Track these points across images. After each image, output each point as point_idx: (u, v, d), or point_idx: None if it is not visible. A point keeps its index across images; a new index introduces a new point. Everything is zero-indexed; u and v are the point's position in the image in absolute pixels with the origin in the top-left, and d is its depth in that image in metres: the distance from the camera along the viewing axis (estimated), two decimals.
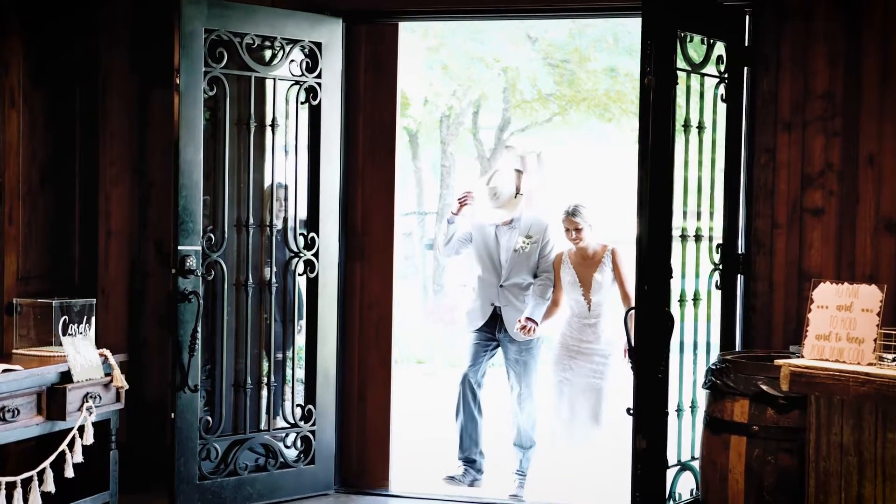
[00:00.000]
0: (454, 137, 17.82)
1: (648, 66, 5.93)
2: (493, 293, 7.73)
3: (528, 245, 7.64)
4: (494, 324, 7.77)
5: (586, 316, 7.52)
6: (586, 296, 7.50)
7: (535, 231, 7.71)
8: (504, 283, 7.68)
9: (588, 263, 7.52)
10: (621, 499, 6.42)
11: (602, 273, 7.46)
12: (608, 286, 7.48)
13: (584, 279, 7.50)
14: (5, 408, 5.62)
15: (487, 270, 7.75)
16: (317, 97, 7.05)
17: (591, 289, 7.47)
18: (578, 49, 15.22)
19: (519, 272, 7.66)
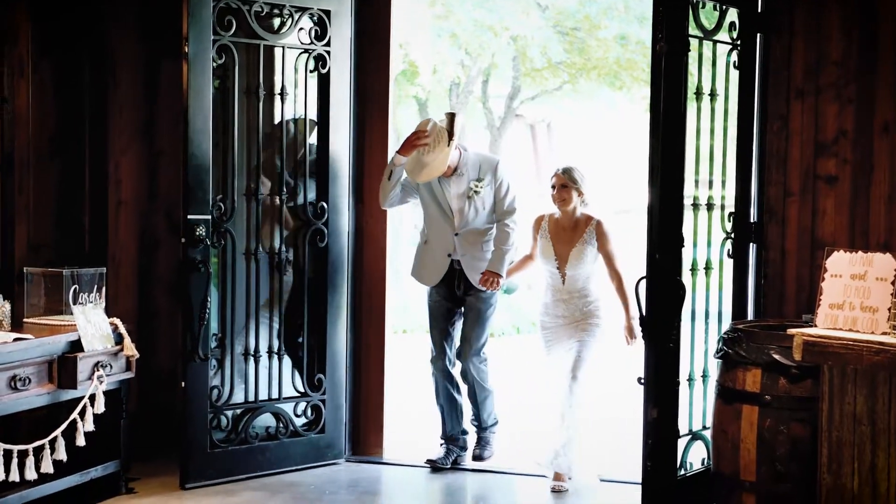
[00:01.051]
0: (463, 106, 17.75)
1: (660, 34, 5.86)
2: (447, 242, 7.05)
3: (480, 188, 6.98)
4: (453, 281, 7.14)
5: (560, 291, 6.90)
6: (561, 269, 6.89)
7: (486, 170, 7.00)
8: (460, 230, 7.02)
9: (567, 236, 6.88)
10: (632, 469, 6.41)
11: (582, 248, 6.82)
12: (590, 261, 6.86)
13: (560, 252, 6.89)
14: (16, 376, 5.61)
15: (439, 218, 7.03)
16: (326, 65, 7.00)
17: (568, 263, 6.85)
18: (589, 16, 15.13)
19: (475, 218, 7.02)
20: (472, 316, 7.15)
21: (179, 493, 6.52)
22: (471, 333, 7.15)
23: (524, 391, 10.28)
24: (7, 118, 6.45)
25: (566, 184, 6.82)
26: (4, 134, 6.45)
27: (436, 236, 7.05)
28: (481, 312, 7.13)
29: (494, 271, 7.00)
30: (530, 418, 8.59)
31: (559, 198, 6.86)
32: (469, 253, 7.01)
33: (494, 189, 7.02)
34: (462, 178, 6.97)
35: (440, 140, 6.81)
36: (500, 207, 7.07)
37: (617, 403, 9.13)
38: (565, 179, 6.83)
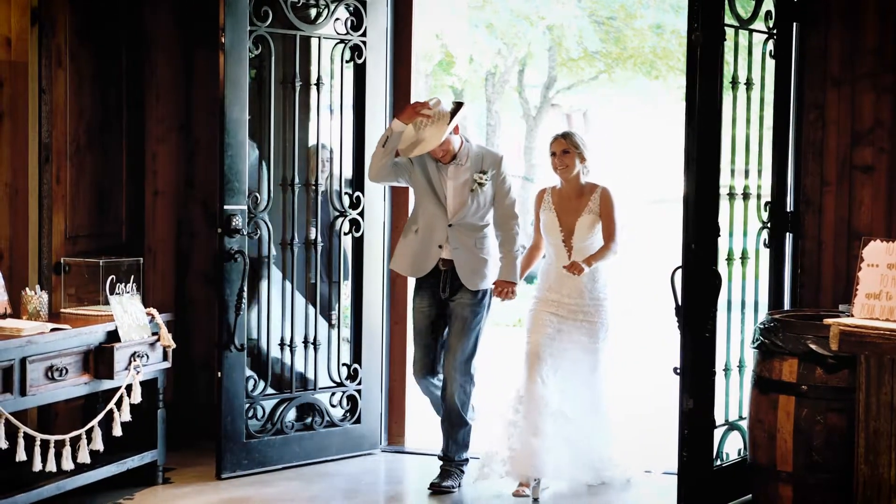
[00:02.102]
0: (499, 96, 17.72)
1: (696, 23, 5.80)
2: (440, 233, 6.44)
3: (485, 180, 6.40)
4: (438, 285, 6.50)
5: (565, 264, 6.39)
6: (567, 242, 6.40)
7: (489, 164, 6.45)
8: (455, 221, 6.43)
9: (572, 206, 6.42)
10: (669, 459, 6.35)
11: (589, 217, 6.38)
12: (596, 233, 6.43)
13: (566, 223, 6.41)
14: (54, 367, 5.62)
15: (433, 206, 6.44)
16: (361, 56, 6.97)
17: (575, 234, 6.39)
18: (624, 6, 15.07)
19: (474, 213, 6.44)
20: (457, 324, 6.45)
21: (215, 482, 6.52)
22: (455, 343, 6.43)
23: None
24: (45, 109, 6.46)
25: (568, 149, 6.39)
26: (42, 124, 6.46)
27: (427, 225, 6.45)
28: (468, 321, 6.44)
29: (508, 280, 6.42)
30: None
31: (561, 164, 6.41)
32: (462, 247, 6.40)
33: (496, 185, 6.46)
34: (461, 168, 6.42)
35: (441, 119, 6.36)
36: (503, 207, 6.49)
37: (653, 394, 9.08)
38: (567, 144, 6.40)
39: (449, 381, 6.45)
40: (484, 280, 6.45)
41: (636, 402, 9.08)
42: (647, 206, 20.96)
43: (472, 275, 6.43)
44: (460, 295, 6.44)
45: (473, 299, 6.44)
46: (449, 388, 6.45)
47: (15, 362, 5.40)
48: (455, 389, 6.43)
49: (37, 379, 5.53)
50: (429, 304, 6.52)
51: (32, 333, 5.51)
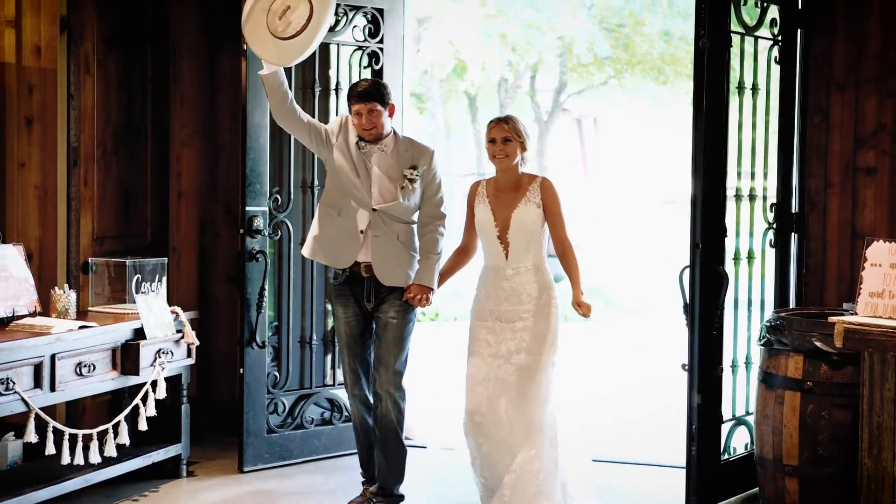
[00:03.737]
0: (512, 101, 17.71)
1: (703, 30, 5.80)
2: (361, 217, 5.71)
3: (415, 176, 5.70)
4: (361, 294, 5.77)
5: (503, 268, 5.68)
6: (502, 237, 5.65)
7: (418, 158, 5.74)
8: (379, 206, 5.70)
9: (508, 198, 5.67)
10: (677, 453, 6.35)
11: (526, 209, 5.63)
12: (537, 226, 5.66)
13: (501, 216, 5.65)
14: (82, 363, 5.64)
15: (353, 188, 5.69)
16: (379, 62, 6.98)
17: (511, 229, 5.63)
18: (633, 13, 15.06)
19: (403, 210, 5.73)
20: (387, 336, 5.73)
21: (238, 475, 6.53)
22: (387, 356, 5.73)
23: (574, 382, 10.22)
24: (73, 114, 6.48)
25: (509, 136, 5.66)
26: (71, 129, 6.48)
27: (348, 210, 5.70)
28: (398, 330, 5.73)
29: (425, 285, 5.70)
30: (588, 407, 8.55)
31: (501, 152, 5.66)
32: (384, 236, 5.67)
33: (426, 181, 5.76)
34: (384, 156, 5.71)
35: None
36: (431, 206, 5.78)
37: (661, 389, 9.07)
38: (508, 131, 5.66)
39: (383, 399, 5.72)
40: (404, 277, 5.75)
41: (645, 398, 9.09)
42: (656, 207, 20.95)
43: (394, 269, 5.71)
44: (388, 302, 5.74)
45: (403, 305, 5.74)
46: (383, 406, 5.73)
47: (45, 359, 5.42)
48: (390, 407, 5.73)
49: (66, 375, 5.55)
50: (353, 314, 5.80)
51: (62, 331, 5.53)
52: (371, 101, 5.63)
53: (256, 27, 5.53)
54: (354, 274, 5.76)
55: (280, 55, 5.56)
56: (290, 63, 5.69)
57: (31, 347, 5.34)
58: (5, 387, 5.20)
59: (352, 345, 5.85)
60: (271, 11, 5.51)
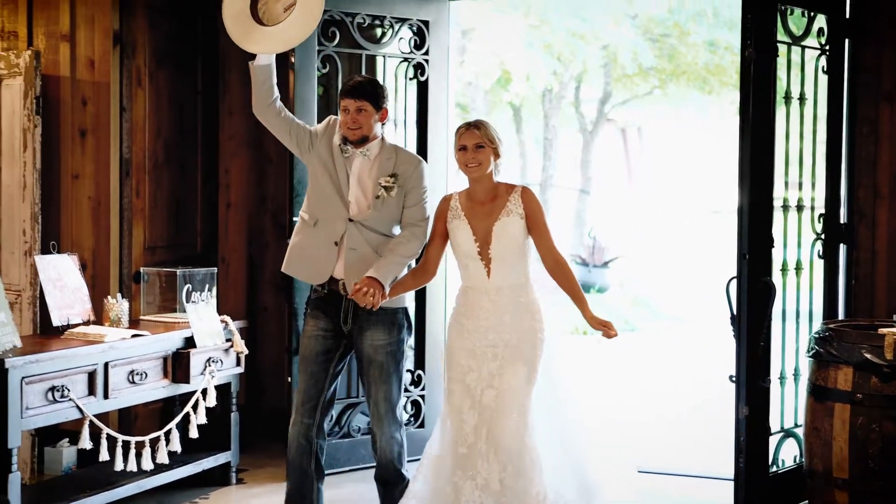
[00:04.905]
0: (556, 111, 17.70)
1: (749, 40, 5.78)
2: (337, 228, 5.22)
3: (391, 184, 5.21)
4: (339, 312, 5.26)
5: (484, 287, 5.15)
6: (483, 253, 5.11)
7: (401, 166, 5.26)
8: (356, 217, 5.23)
9: (486, 209, 5.14)
10: (725, 465, 6.32)
11: (509, 221, 5.10)
12: (519, 240, 5.14)
13: (480, 229, 5.12)
14: (134, 371, 5.70)
15: (330, 196, 5.23)
16: (424, 73, 7.01)
17: (492, 244, 5.10)
18: (678, 23, 15.02)
19: (378, 220, 5.24)
20: (373, 372, 5.25)
21: (285, 484, 6.56)
22: (377, 393, 5.26)
23: (620, 392, 10.21)
24: (126, 126, 6.57)
25: (482, 142, 5.12)
26: (123, 141, 6.57)
27: (324, 219, 5.23)
28: (385, 365, 5.23)
29: (376, 278, 5.03)
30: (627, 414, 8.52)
31: (473, 160, 5.10)
32: (359, 248, 5.18)
33: (407, 190, 5.26)
34: (367, 162, 5.26)
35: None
36: (410, 213, 5.27)
37: (709, 401, 9.03)
38: (480, 137, 5.13)
39: (378, 436, 5.30)
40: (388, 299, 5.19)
41: (692, 409, 9.05)
42: (701, 217, 20.85)
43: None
44: (371, 333, 5.23)
45: (389, 336, 5.24)
46: (379, 443, 5.31)
47: (98, 367, 5.49)
48: (386, 443, 5.30)
49: (119, 383, 5.61)
50: (323, 329, 5.26)
51: (115, 339, 5.60)
52: (361, 98, 5.21)
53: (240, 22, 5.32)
54: (333, 293, 5.24)
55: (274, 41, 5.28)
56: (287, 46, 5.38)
57: (85, 356, 5.41)
58: (60, 394, 5.27)
59: (310, 361, 5.26)
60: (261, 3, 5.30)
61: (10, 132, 6.53)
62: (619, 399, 9.56)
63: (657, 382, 10.60)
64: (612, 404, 9.23)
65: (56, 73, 6.56)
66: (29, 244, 6.44)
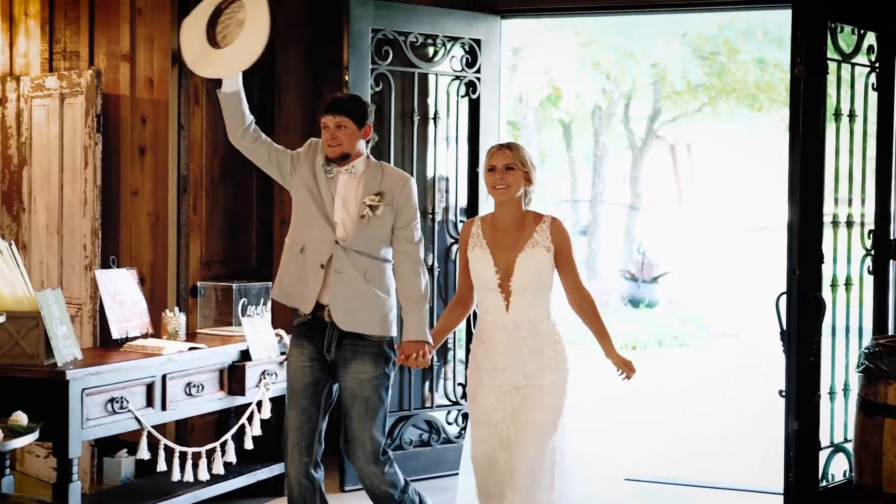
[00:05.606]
0: (606, 128, 17.68)
1: (798, 57, 5.78)
2: (324, 250, 4.92)
3: (377, 203, 4.91)
4: (322, 339, 4.97)
5: (503, 321, 4.76)
6: (504, 285, 4.72)
7: (388, 184, 4.95)
8: (343, 241, 4.94)
9: (510, 240, 4.76)
10: (774, 479, 6.28)
11: (535, 253, 4.72)
12: (545, 274, 4.76)
13: (502, 260, 4.74)
14: (191, 383, 5.76)
15: (316, 218, 4.95)
16: (476, 91, 7.05)
17: (514, 277, 4.71)
18: (728, 41, 14.97)
19: (367, 242, 4.94)
20: (357, 406, 4.93)
21: (339, 494, 6.60)
22: (361, 431, 4.94)
23: (670, 408, 10.17)
24: (183, 143, 6.65)
25: (512, 164, 4.75)
26: (181, 158, 6.65)
27: (311, 243, 4.96)
28: (370, 401, 4.93)
29: (420, 339, 4.89)
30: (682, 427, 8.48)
31: (502, 181, 4.74)
32: (346, 271, 4.89)
33: (396, 211, 4.96)
34: (352, 181, 4.98)
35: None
36: (401, 240, 4.97)
37: (757, 415, 8.97)
38: (512, 158, 4.75)
39: (364, 477, 5.00)
40: (370, 324, 4.92)
41: (741, 424, 8.99)
42: (749, 233, 20.73)
43: (355, 312, 4.90)
44: (356, 366, 4.92)
45: (375, 369, 4.93)
46: (367, 483, 5.03)
47: (156, 379, 5.55)
48: (376, 481, 5.00)
49: (176, 394, 5.67)
50: (308, 359, 4.98)
51: (172, 352, 5.65)
52: (340, 113, 4.96)
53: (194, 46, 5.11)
54: (318, 318, 4.96)
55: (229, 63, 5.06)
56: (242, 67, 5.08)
57: (143, 368, 5.47)
58: (119, 405, 5.34)
59: (299, 395, 4.99)
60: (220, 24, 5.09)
61: (72, 149, 6.64)
62: (668, 414, 9.52)
63: (706, 397, 10.54)
64: (661, 419, 9.19)
65: (116, 92, 6.66)
66: (89, 259, 6.54)
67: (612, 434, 8.51)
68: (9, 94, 6.92)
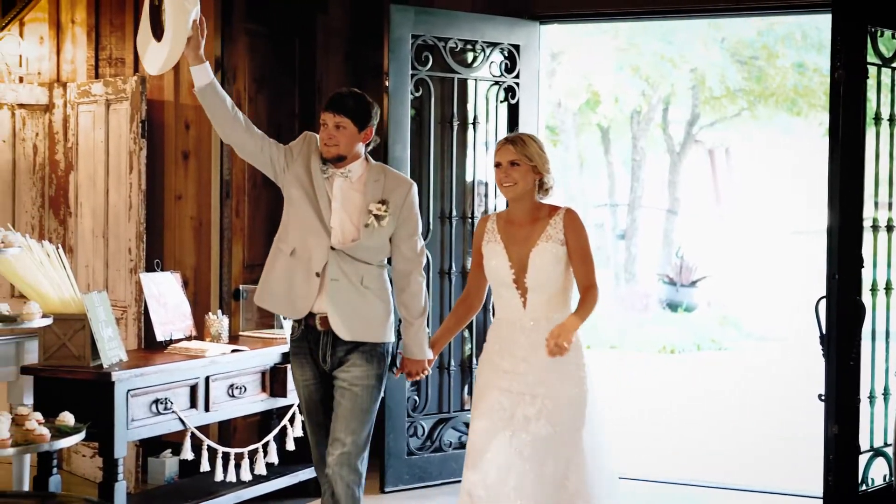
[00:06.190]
0: (644, 132, 17.62)
1: (838, 62, 5.74)
2: (318, 256, 4.62)
3: (383, 212, 4.62)
4: (317, 353, 4.69)
5: (520, 320, 4.57)
6: (519, 281, 4.55)
7: (392, 191, 4.67)
8: (338, 245, 4.63)
9: (524, 234, 4.58)
10: (813, 483, 6.23)
11: (548, 247, 4.51)
12: (561, 268, 4.54)
13: (516, 256, 4.56)
14: (234, 385, 5.79)
15: (310, 222, 4.64)
16: (515, 96, 7.04)
17: (529, 272, 4.53)
18: (767, 45, 14.87)
19: (366, 250, 4.65)
20: (344, 404, 4.64)
21: (379, 495, 6.61)
22: (343, 430, 4.63)
23: (708, 411, 10.11)
24: (226, 149, 6.68)
25: (517, 160, 4.55)
26: (224, 163, 6.69)
27: (303, 248, 4.66)
28: (359, 399, 4.64)
29: (417, 358, 4.76)
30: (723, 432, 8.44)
31: (507, 178, 4.56)
32: (343, 278, 4.61)
33: (400, 221, 4.69)
34: (350, 184, 4.67)
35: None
36: (406, 251, 4.71)
37: (796, 418, 8.91)
38: (515, 153, 4.55)
39: (332, 481, 4.64)
40: (370, 331, 4.66)
41: (779, 427, 8.93)
42: (787, 237, 20.58)
43: (355, 321, 4.62)
44: (349, 366, 4.66)
45: (368, 369, 4.66)
46: (334, 484, 4.64)
47: (200, 380, 5.58)
48: (341, 485, 4.62)
49: (219, 396, 5.70)
50: (312, 377, 4.74)
51: (215, 354, 5.68)
52: (340, 112, 4.62)
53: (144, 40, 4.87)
54: (310, 327, 4.68)
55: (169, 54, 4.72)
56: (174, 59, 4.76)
57: (187, 370, 5.51)
58: (164, 406, 5.38)
59: (312, 412, 4.77)
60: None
61: (118, 155, 6.70)
62: (708, 418, 9.47)
63: (745, 401, 10.47)
64: (700, 423, 9.14)
65: (160, 98, 6.71)
66: (134, 262, 6.59)
67: (652, 438, 8.48)
68: (56, 101, 7.00)
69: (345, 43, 7.42)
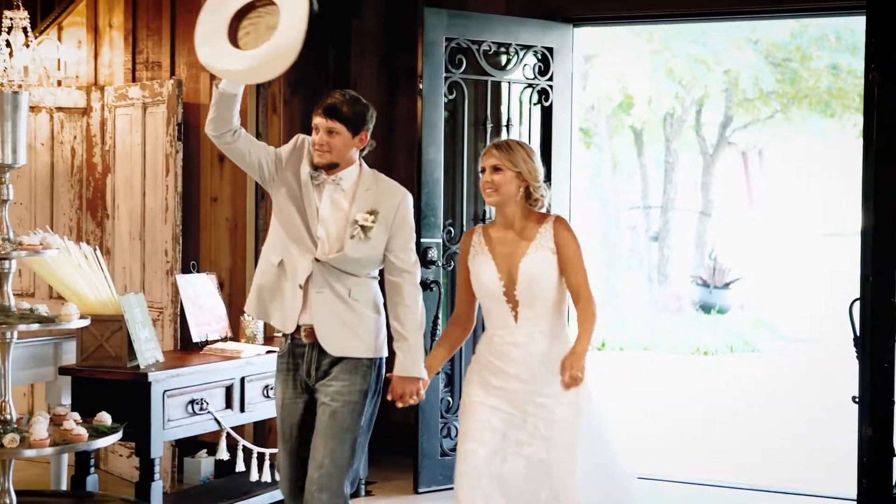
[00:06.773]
0: (678, 135, 17.55)
1: (873, 63, 5.69)
2: (302, 268, 4.35)
3: (370, 223, 4.32)
4: (300, 368, 4.40)
5: (512, 334, 4.32)
6: (509, 294, 4.30)
7: (383, 200, 4.39)
8: (323, 257, 4.35)
9: (513, 243, 4.33)
10: (847, 485, 6.17)
11: (538, 257, 4.28)
12: (552, 281, 4.29)
13: (505, 267, 4.32)
14: (269, 386, 5.80)
15: (296, 231, 4.36)
16: (548, 99, 7.02)
17: (519, 283, 4.28)
18: (800, 47, 14.78)
19: (353, 263, 4.35)
20: (323, 420, 4.30)
21: (412, 496, 6.61)
22: (321, 448, 4.27)
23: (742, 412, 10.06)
24: None
25: (500, 165, 4.31)
26: None
27: (288, 258, 4.38)
28: (339, 416, 4.29)
29: (409, 375, 4.36)
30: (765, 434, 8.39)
31: (490, 184, 4.33)
32: (329, 290, 4.33)
33: (392, 231, 4.39)
34: (340, 192, 4.38)
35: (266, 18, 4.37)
36: (397, 261, 4.39)
37: (829, 420, 8.84)
38: (499, 159, 4.31)
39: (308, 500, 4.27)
40: (359, 345, 4.36)
41: (813, 429, 8.87)
42: (821, 238, 20.44)
43: (341, 334, 4.33)
44: (332, 380, 4.33)
45: (351, 384, 4.33)
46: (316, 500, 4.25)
47: (235, 381, 5.60)
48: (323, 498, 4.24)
49: (254, 397, 5.71)
50: (293, 395, 4.42)
51: (250, 355, 5.70)
52: (333, 118, 4.34)
53: (215, 43, 4.41)
54: (296, 340, 4.41)
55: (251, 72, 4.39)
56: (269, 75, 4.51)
57: (222, 370, 5.53)
58: (200, 407, 5.40)
59: (286, 436, 4.42)
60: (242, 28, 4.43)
61: (154, 157, 6.74)
62: (741, 419, 9.42)
63: (779, 403, 10.40)
64: (732, 424, 9.09)
65: (196, 101, 6.74)
66: (170, 264, 6.62)
67: (686, 440, 8.43)
68: (93, 104, 7.04)
69: (378, 46, 7.43)
